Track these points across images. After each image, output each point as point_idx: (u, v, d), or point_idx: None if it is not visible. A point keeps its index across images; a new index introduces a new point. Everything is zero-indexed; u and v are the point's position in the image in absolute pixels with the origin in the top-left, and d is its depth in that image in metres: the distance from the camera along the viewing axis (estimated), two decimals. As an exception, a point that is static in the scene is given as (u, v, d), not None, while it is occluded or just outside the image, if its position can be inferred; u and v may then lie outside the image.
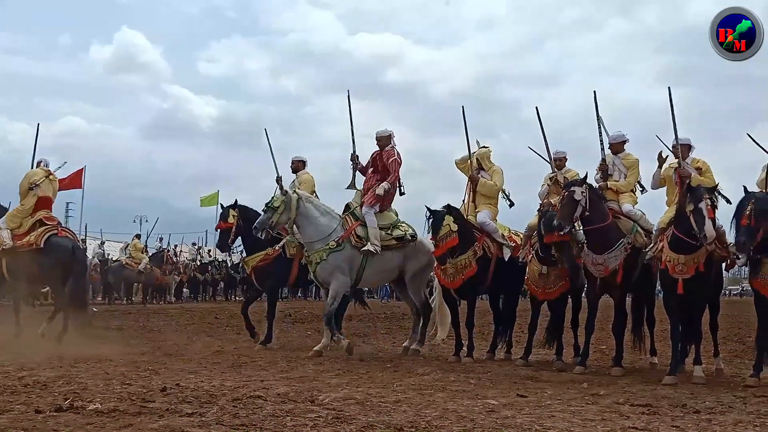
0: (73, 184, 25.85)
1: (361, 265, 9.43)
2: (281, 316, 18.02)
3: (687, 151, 8.33)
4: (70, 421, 4.78)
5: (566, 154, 9.63)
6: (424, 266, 9.60)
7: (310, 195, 9.95)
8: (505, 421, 5.10)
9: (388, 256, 9.51)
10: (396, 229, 9.56)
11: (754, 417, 5.50)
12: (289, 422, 4.88)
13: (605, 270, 8.17)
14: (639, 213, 8.65)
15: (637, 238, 8.36)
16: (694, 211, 7.20)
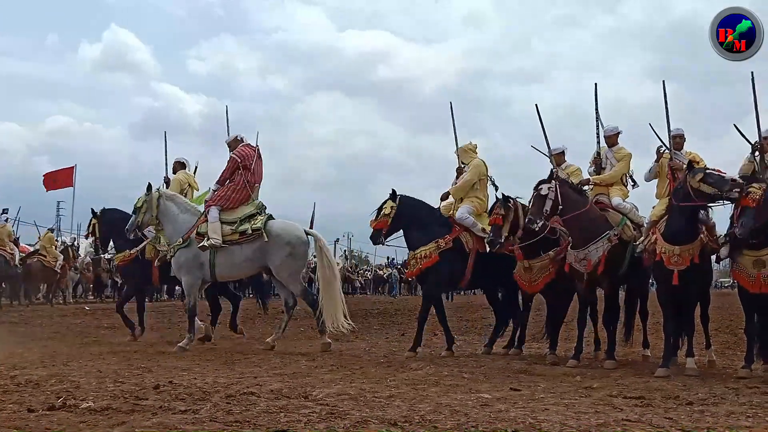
0: (64, 182, 25.85)
1: (210, 261, 9.55)
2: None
3: (682, 142, 8.46)
4: (63, 419, 4.77)
5: (564, 148, 9.60)
6: (287, 257, 9.52)
7: (173, 193, 10.23)
8: (499, 414, 5.10)
9: (236, 250, 9.56)
10: (243, 224, 9.59)
11: (746, 408, 5.52)
12: (282, 418, 4.88)
13: (588, 265, 8.22)
14: (629, 206, 8.69)
15: (625, 230, 8.40)
16: (705, 177, 7.22)
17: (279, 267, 9.53)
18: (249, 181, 9.75)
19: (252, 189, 9.76)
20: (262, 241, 9.46)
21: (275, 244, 9.46)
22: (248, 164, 9.71)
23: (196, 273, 9.60)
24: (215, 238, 9.39)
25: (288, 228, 9.65)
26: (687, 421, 5.01)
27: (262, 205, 9.78)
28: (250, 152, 9.82)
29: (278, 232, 9.50)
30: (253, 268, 9.81)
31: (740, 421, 5.02)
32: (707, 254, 7.78)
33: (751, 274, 7.24)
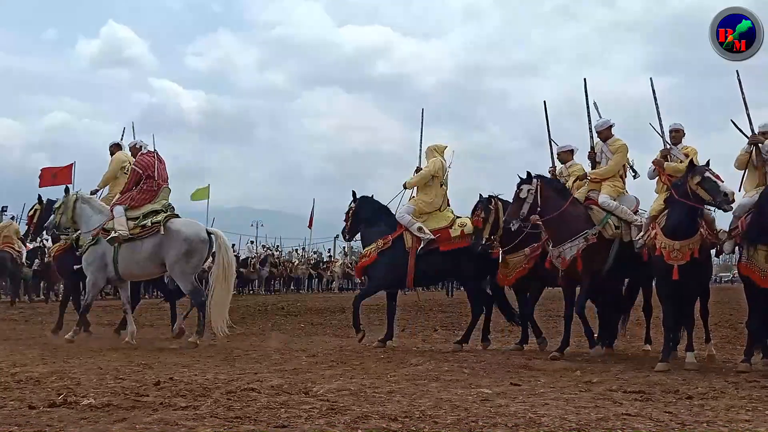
0: (63, 179, 25.79)
1: (114, 258, 9.71)
2: (274, 309, 18.05)
3: (681, 136, 8.47)
4: (64, 416, 4.78)
5: (574, 148, 9.59)
6: (183, 254, 9.58)
7: (89, 197, 10.48)
8: (499, 409, 5.11)
9: (137, 246, 9.67)
10: (145, 219, 9.73)
11: (746, 402, 5.54)
12: (283, 414, 4.89)
13: (563, 262, 8.31)
14: (614, 204, 8.61)
15: (606, 229, 8.43)
16: (703, 181, 7.25)
17: (173, 263, 9.61)
18: (157, 184, 10.01)
19: (158, 191, 10.00)
20: (160, 236, 9.60)
21: (173, 239, 9.58)
22: (151, 173, 10.00)
23: (101, 272, 9.83)
24: (121, 230, 9.60)
25: (188, 225, 9.80)
26: (687, 415, 5.02)
27: (168, 205, 10.03)
28: (150, 161, 10.09)
29: (177, 228, 9.64)
30: (154, 265, 9.87)
31: (740, 415, 5.04)
32: (707, 249, 7.78)
33: (764, 268, 7.22)
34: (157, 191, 9.94)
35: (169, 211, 9.87)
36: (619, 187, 8.86)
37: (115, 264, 9.68)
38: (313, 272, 37.47)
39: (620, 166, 8.87)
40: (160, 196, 9.97)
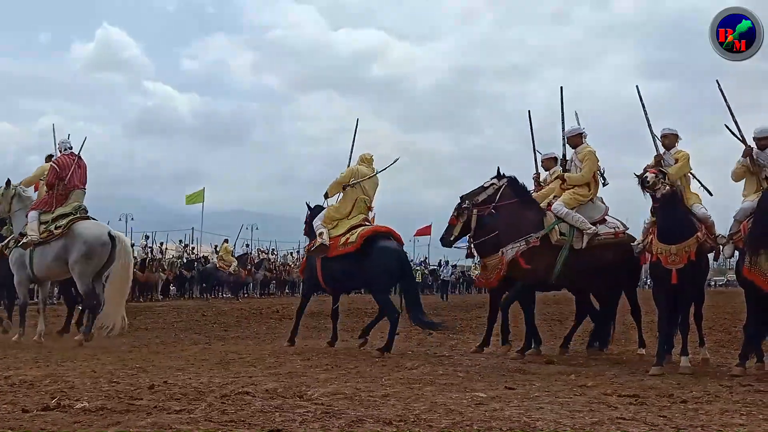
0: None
1: (30, 259, 10.03)
2: (268, 313, 18.02)
3: (675, 139, 8.49)
4: (58, 419, 4.76)
5: (555, 154, 9.68)
6: (82, 256, 9.79)
7: (28, 195, 10.68)
8: (494, 413, 5.11)
9: (48, 248, 9.95)
10: (54, 222, 9.96)
11: (740, 406, 5.55)
12: (277, 418, 4.88)
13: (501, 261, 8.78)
14: (565, 211, 8.66)
15: (552, 234, 8.60)
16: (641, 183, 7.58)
17: (73, 264, 9.81)
18: (67, 188, 10.23)
19: (68, 194, 10.22)
20: (66, 238, 9.83)
21: (75, 242, 9.82)
22: (64, 175, 10.23)
23: (22, 272, 10.16)
24: (32, 234, 9.90)
25: (90, 228, 9.99)
26: (681, 419, 5.03)
27: (79, 207, 10.21)
28: (68, 162, 10.32)
29: (80, 231, 9.87)
30: (61, 267, 10.05)
31: (734, 419, 5.05)
32: (704, 252, 7.81)
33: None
34: (69, 194, 10.21)
35: (80, 213, 10.13)
36: (580, 196, 8.84)
37: (31, 265, 10.02)
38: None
39: (592, 172, 8.92)
40: (72, 198, 10.24)
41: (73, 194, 10.25)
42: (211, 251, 33.23)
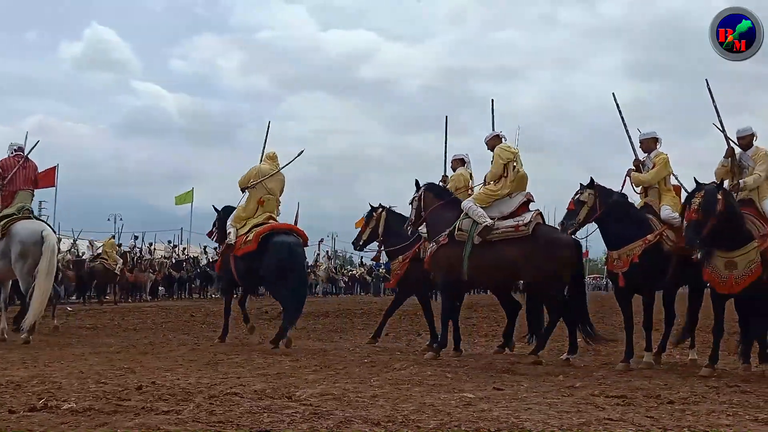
0: (46, 182, 25.63)
1: None
2: (258, 314, 18.00)
3: (654, 143, 8.64)
4: (45, 420, 4.73)
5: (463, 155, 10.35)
6: (19, 255, 9.91)
7: None
8: (482, 414, 5.13)
9: None
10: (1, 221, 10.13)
11: (726, 407, 5.59)
12: (266, 419, 4.87)
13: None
14: (469, 205, 8.80)
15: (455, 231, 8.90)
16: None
17: (13, 263, 9.95)
18: (11, 189, 10.43)
19: (14, 196, 10.41)
20: (6, 239, 9.97)
21: (12, 242, 9.95)
22: (5, 176, 10.43)
23: None
24: None
25: (26, 227, 10.08)
26: (668, 420, 5.06)
27: (22, 207, 10.32)
28: (11, 163, 10.53)
29: (16, 231, 9.99)
30: (7, 267, 10.12)
31: (720, 420, 5.08)
32: (659, 254, 7.95)
33: (723, 275, 7.34)
34: (14, 196, 10.39)
35: (22, 213, 10.22)
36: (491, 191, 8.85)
37: None
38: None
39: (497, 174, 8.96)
40: (17, 199, 10.39)
41: (18, 195, 10.42)
42: (200, 252, 33.17)
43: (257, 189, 10.27)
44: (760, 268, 7.20)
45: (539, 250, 8.39)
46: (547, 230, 8.65)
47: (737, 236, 7.25)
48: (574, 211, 8.16)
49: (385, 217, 10.30)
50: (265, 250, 9.78)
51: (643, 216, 8.26)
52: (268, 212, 10.26)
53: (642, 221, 8.17)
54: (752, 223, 7.42)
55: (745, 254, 7.22)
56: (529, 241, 8.43)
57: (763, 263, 7.20)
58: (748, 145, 7.96)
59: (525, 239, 8.45)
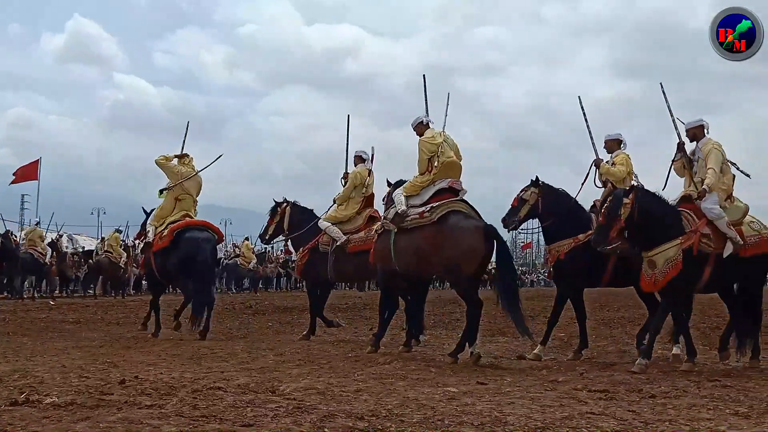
0: (29, 176, 25.45)
1: None
2: (242, 308, 17.97)
3: (617, 145, 8.80)
4: (26, 415, 4.71)
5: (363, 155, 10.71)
6: None
7: None
8: (465, 408, 5.15)
9: None
10: None
11: (707, 401, 5.63)
12: (249, 413, 4.87)
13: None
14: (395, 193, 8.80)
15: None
16: None
17: None
18: None
19: None
20: None
21: None
22: None
23: None
24: None
25: None
26: (650, 414, 5.10)
27: None
28: None
29: None
30: None
31: (701, 414, 5.12)
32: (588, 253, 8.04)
33: (648, 274, 7.46)
34: None
35: None
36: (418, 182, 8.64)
37: None
38: (282, 271, 37.37)
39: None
40: None
41: None
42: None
43: (174, 189, 10.71)
44: (681, 265, 7.26)
45: (443, 238, 8.10)
46: (457, 218, 8.18)
47: (656, 236, 7.37)
48: (516, 208, 8.48)
49: (289, 211, 10.84)
50: (177, 245, 10.25)
51: (585, 215, 8.52)
52: (184, 210, 10.67)
53: (581, 220, 8.42)
54: (686, 220, 7.49)
55: (662, 252, 7.32)
56: (434, 229, 8.16)
57: (685, 260, 7.27)
58: (696, 136, 7.98)
59: (431, 227, 8.18)
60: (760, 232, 7.67)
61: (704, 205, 7.49)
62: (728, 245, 7.39)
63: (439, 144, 8.54)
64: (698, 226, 7.37)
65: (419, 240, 8.22)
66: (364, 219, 10.43)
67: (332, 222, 10.43)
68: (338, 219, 10.43)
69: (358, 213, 10.47)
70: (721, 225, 7.41)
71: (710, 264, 7.40)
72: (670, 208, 7.59)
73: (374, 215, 10.39)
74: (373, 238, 9.32)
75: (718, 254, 7.39)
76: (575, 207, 8.62)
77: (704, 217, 7.44)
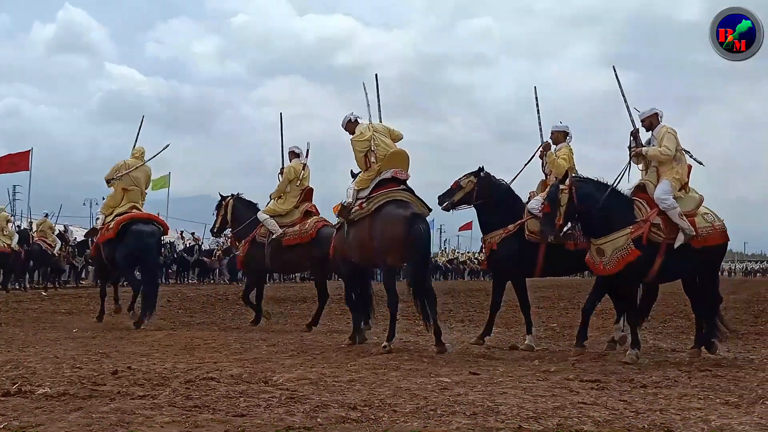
0: (20, 166, 25.36)
1: None
2: (235, 299, 17.95)
3: (563, 137, 8.96)
4: (18, 405, 4.71)
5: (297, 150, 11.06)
6: None
7: None
8: (458, 398, 5.17)
9: None
10: None
11: (698, 390, 5.67)
12: (242, 403, 4.88)
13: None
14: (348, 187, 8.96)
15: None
16: None
17: None
18: None
19: None
20: None
21: None
22: None
23: None
24: None
25: None
26: (641, 403, 5.13)
27: None
28: None
29: None
30: None
31: (692, 403, 5.15)
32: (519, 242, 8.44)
33: (596, 260, 7.53)
34: None
35: None
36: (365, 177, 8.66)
37: None
38: None
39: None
40: None
41: None
42: (177, 237, 32.96)
43: (123, 180, 10.91)
44: (632, 254, 7.31)
45: (374, 229, 8.24)
46: (389, 208, 8.25)
47: (603, 224, 7.44)
48: (453, 191, 8.80)
49: (232, 204, 11.26)
50: (123, 237, 10.49)
51: (519, 205, 8.71)
52: (132, 202, 10.89)
53: (513, 210, 8.63)
54: (638, 209, 7.54)
55: (611, 241, 7.38)
56: (369, 220, 8.32)
57: (637, 248, 7.31)
58: (652, 125, 8.01)
59: (368, 218, 8.32)
60: (713, 224, 7.64)
61: (656, 195, 7.56)
62: (680, 235, 7.41)
63: (368, 139, 8.62)
64: (649, 216, 7.43)
65: (361, 231, 8.42)
66: (300, 213, 10.79)
67: (271, 215, 10.78)
68: (276, 212, 10.81)
69: (295, 207, 10.82)
70: (673, 215, 7.43)
71: (661, 254, 7.43)
72: (618, 196, 7.65)
73: (311, 210, 10.86)
74: (307, 231, 10.45)
75: (669, 244, 7.42)
76: (509, 198, 8.80)
77: (656, 206, 7.50)
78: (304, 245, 10.51)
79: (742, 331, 10.91)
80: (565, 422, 4.48)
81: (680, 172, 7.68)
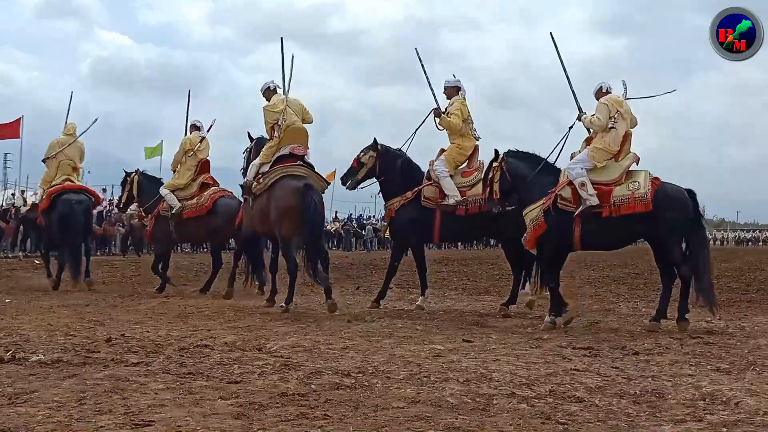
0: (11, 134, 25.23)
1: None
2: (229, 267, 17.96)
3: (455, 91, 9.16)
4: (12, 372, 4.71)
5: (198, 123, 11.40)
6: None
7: None
8: (451, 365, 5.19)
9: None
10: None
11: (689, 357, 5.72)
12: (236, 370, 4.89)
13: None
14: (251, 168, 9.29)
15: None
16: None
17: None
18: None
19: None
20: None
21: None
22: None
23: None
24: None
25: None
26: (633, 370, 5.17)
27: None
28: None
29: None
30: None
31: (683, 370, 5.20)
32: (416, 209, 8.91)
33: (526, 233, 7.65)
34: None
35: None
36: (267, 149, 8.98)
37: None
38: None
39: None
40: None
41: None
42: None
43: (57, 156, 11.52)
44: (543, 225, 7.43)
45: (270, 202, 8.67)
46: (284, 182, 8.65)
47: (525, 198, 7.64)
48: (355, 169, 9.20)
49: (138, 180, 11.62)
50: (54, 207, 11.27)
51: (418, 174, 9.10)
52: (65, 175, 11.50)
53: (412, 178, 9.05)
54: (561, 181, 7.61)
55: (529, 213, 7.54)
56: (266, 194, 8.74)
57: (547, 220, 7.42)
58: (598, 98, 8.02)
59: (266, 192, 8.74)
60: (634, 192, 7.38)
61: (567, 166, 7.65)
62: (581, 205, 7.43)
63: (280, 111, 8.79)
64: (556, 188, 7.49)
65: (261, 205, 8.79)
66: (198, 186, 11.03)
67: (171, 189, 11.04)
68: (175, 186, 11.07)
69: (193, 180, 11.05)
70: (577, 184, 7.44)
71: (578, 223, 7.43)
72: (550, 169, 7.73)
73: (207, 182, 11.10)
74: (203, 204, 10.80)
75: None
76: (408, 167, 9.17)
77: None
78: (202, 217, 10.85)
79: (734, 299, 11.02)
80: (558, 389, 4.50)
81: (608, 141, 7.61)
